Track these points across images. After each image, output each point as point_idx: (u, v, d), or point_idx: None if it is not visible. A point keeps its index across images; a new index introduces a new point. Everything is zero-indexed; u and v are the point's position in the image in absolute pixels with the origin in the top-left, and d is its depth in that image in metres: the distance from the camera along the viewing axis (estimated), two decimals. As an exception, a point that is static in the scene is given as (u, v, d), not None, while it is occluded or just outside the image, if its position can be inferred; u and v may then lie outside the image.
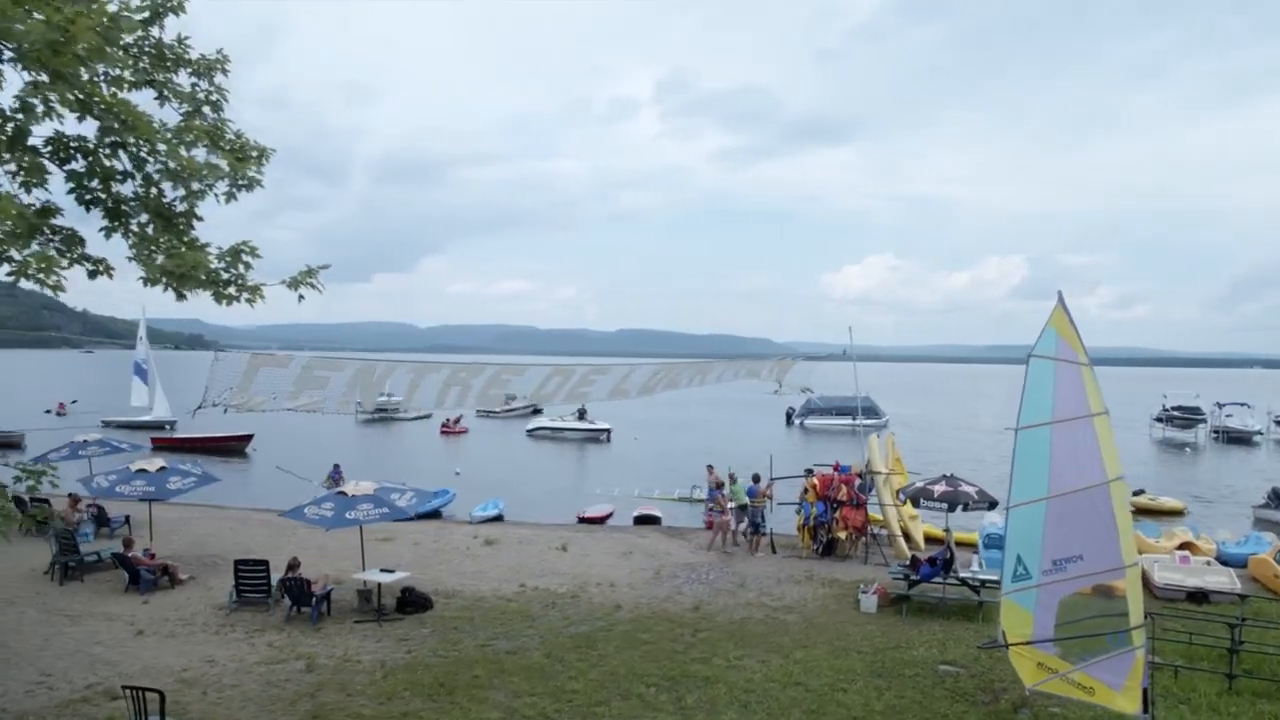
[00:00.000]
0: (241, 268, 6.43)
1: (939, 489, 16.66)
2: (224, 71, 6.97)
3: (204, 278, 6.13)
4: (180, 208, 6.41)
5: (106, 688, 11.52)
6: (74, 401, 65.88)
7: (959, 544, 21.47)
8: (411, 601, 16.01)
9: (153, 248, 6.06)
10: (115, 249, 6.51)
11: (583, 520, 27.48)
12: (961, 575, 16.39)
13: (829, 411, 64.58)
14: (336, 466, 24.83)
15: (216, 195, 6.50)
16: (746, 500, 22.12)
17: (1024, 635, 9.96)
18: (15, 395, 66.44)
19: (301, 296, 6.44)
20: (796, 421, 69.02)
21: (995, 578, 16.12)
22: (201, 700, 11.34)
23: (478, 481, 37.75)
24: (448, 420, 64.73)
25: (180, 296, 6.22)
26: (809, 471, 21.94)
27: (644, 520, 26.97)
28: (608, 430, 60.84)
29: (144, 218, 6.27)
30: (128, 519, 20.87)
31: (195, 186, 6.20)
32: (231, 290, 6.35)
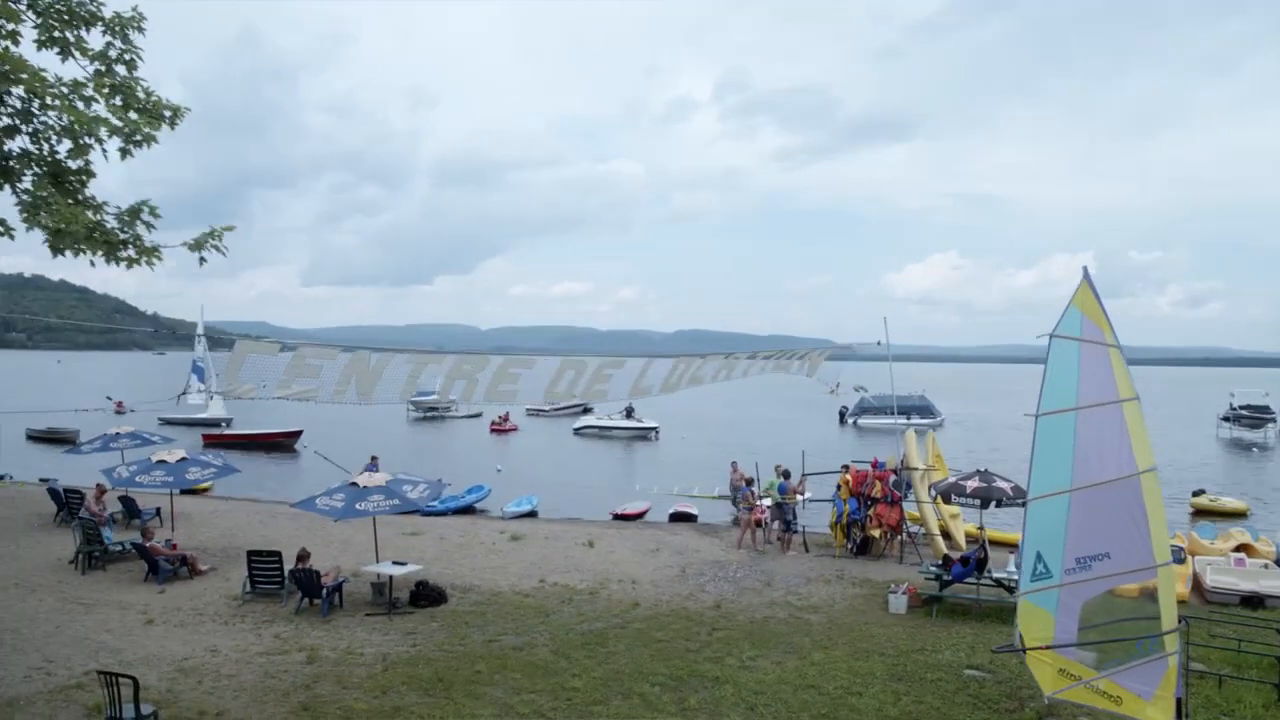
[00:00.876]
0: (141, 228, 6.14)
1: (971, 485, 15.83)
2: (139, 29, 6.69)
3: (88, 235, 5.84)
4: (74, 164, 6.15)
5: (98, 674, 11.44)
6: (111, 398, 67.64)
7: (1001, 544, 20.59)
8: (425, 595, 15.77)
9: (42, 207, 5.79)
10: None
11: (617, 517, 27.11)
12: (996, 575, 15.53)
13: (883, 410, 63.12)
14: (373, 459, 24.84)
15: (105, 151, 6.21)
16: (781, 497, 21.48)
17: (1044, 639, 9.22)
18: (82, 394, 68.47)
19: (203, 259, 6.12)
20: (850, 421, 67.79)
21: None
22: (196, 689, 11.19)
23: (519, 478, 37.69)
24: (497, 418, 65.27)
25: (56, 253, 5.93)
26: (846, 468, 21.20)
27: (680, 518, 26.50)
28: (655, 429, 60.46)
29: (34, 174, 6.01)
30: (159, 511, 21.11)
31: (84, 141, 5.91)
32: (130, 253, 6.05)
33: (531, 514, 27.86)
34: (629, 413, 63.15)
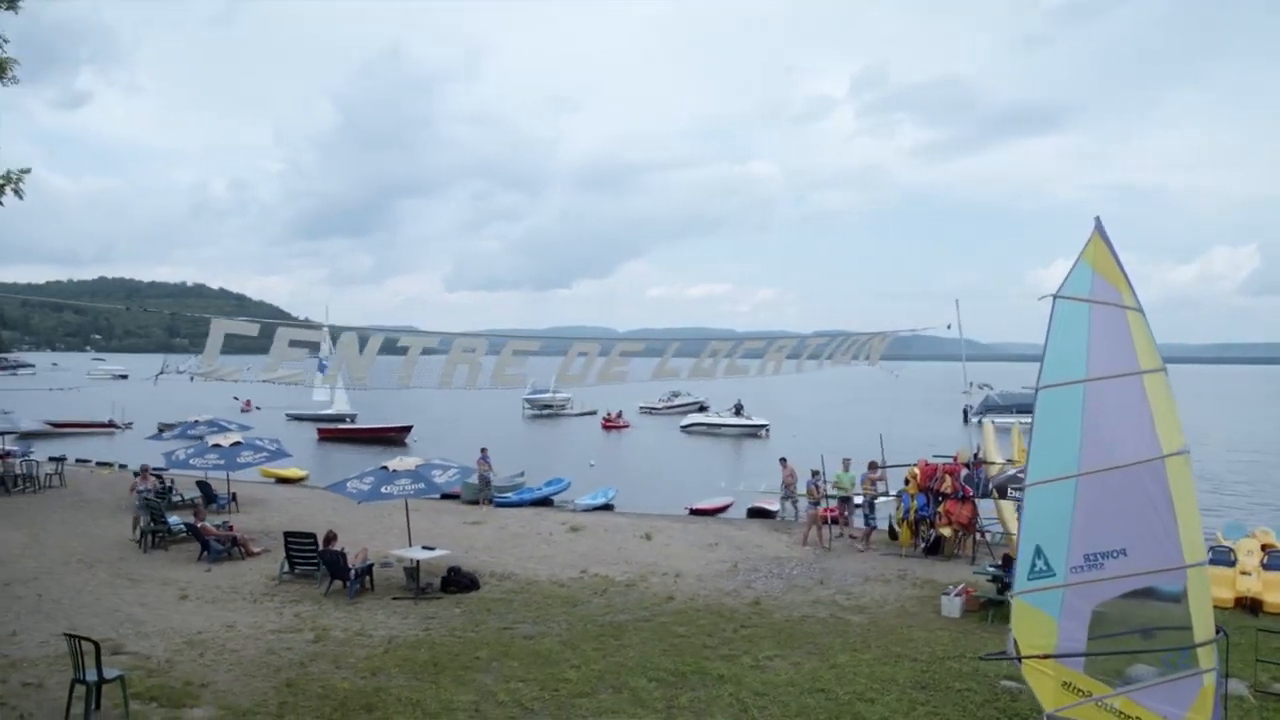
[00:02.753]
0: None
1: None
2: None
3: None
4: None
5: (114, 644, 11.79)
6: (238, 398, 71.63)
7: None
8: (455, 581, 15.65)
9: None
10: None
11: (693, 512, 26.47)
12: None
13: (1009, 409, 59.46)
14: (483, 451, 25.15)
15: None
16: (851, 490, 20.36)
17: (1045, 646, 8.02)
18: (228, 393, 73.18)
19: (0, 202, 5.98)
20: (975, 419, 64.24)
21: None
22: (195, 661, 11.36)
23: (612, 473, 37.66)
24: (609, 415, 65.71)
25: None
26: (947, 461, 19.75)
27: (758, 513, 25.60)
28: (765, 426, 59.22)
29: None
30: (234, 496, 22.00)
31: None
32: None
33: (607, 507, 27.57)
34: (738, 410, 62.30)
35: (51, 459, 29.19)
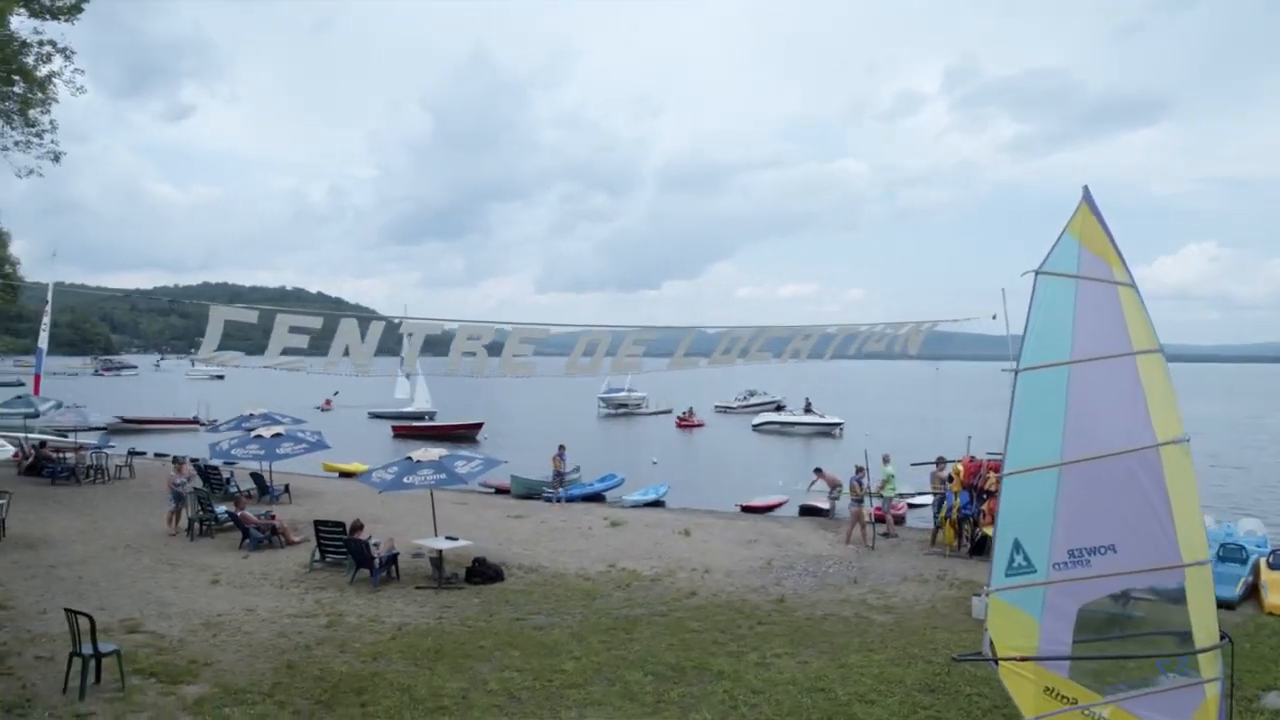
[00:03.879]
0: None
1: None
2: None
3: None
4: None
5: (134, 623, 12.25)
6: (336, 394, 73.82)
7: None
8: (480, 572, 15.74)
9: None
10: None
11: (745, 509, 26.14)
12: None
13: None
14: (561, 448, 25.37)
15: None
16: (894, 489, 19.75)
17: (1025, 648, 7.47)
18: (316, 393, 75.99)
19: None
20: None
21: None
22: (207, 641, 11.68)
23: (674, 470, 37.57)
24: (683, 414, 65.71)
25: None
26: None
27: (811, 512, 25.07)
28: (839, 424, 58.14)
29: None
30: (287, 488, 22.66)
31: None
32: None
33: (657, 503, 27.43)
34: (807, 407, 61.49)
35: (133, 452, 30.73)
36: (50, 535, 17.66)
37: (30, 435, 25.57)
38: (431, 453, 15.75)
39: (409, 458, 15.77)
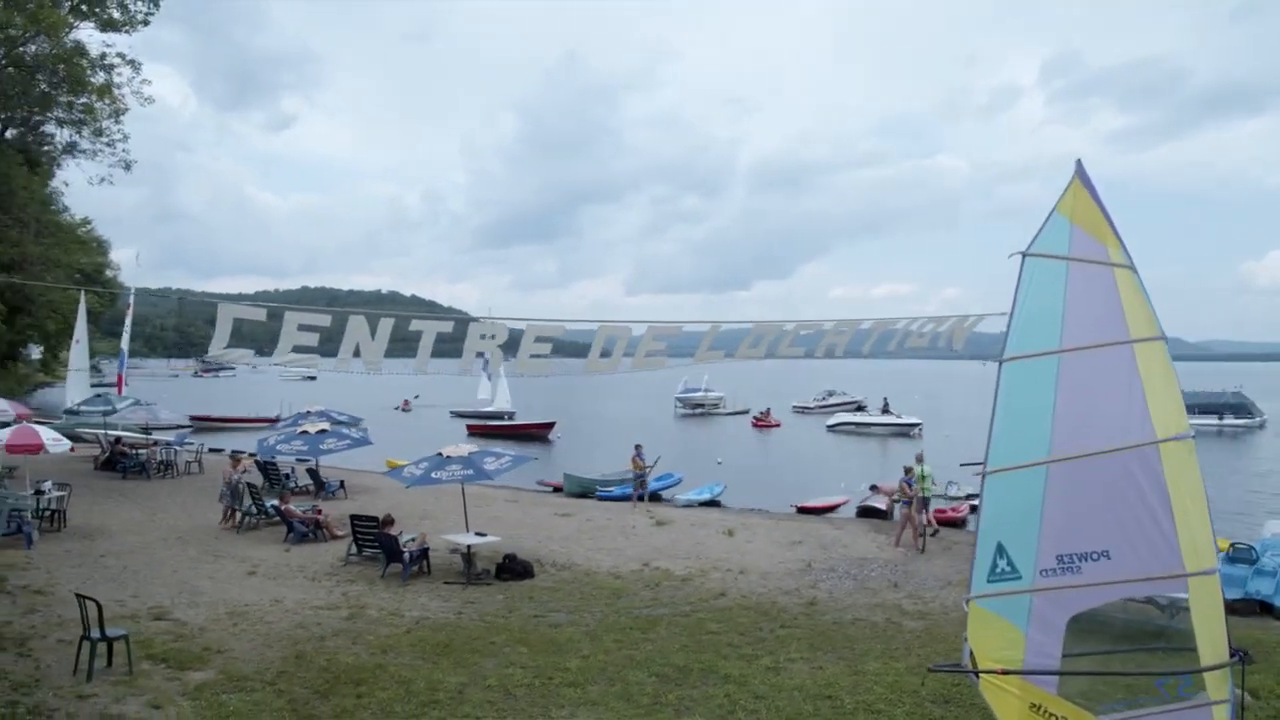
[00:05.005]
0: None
1: None
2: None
3: None
4: None
5: (161, 610, 12.66)
6: (416, 397, 75.56)
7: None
8: (509, 569, 15.76)
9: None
10: None
11: (801, 510, 25.60)
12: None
13: (1191, 409, 53.69)
14: (638, 447, 25.29)
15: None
16: (929, 490, 19.00)
17: (1008, 660, 6.94)
18: (401, 394, 78.08)
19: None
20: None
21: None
22: (227, 630, 11.97)
23: (741, 469, 37.25)
24: (759, 414, 65.18)
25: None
26: None
27: (869, 513, 24.40)
28: (917, 425, 56.61)
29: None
30: (342, 483, 23.21)
31: None
32: None
33: (713, 503, 27.13)
34: (885, 408, 60.13)
35: (213, 450, 32.08)
36: (108, 526, 18.48)
37: (109, 432, 26.91)
38: (462, 449, 15.86)
39: (440, 453, 15.90)
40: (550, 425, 53.99)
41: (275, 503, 18.53)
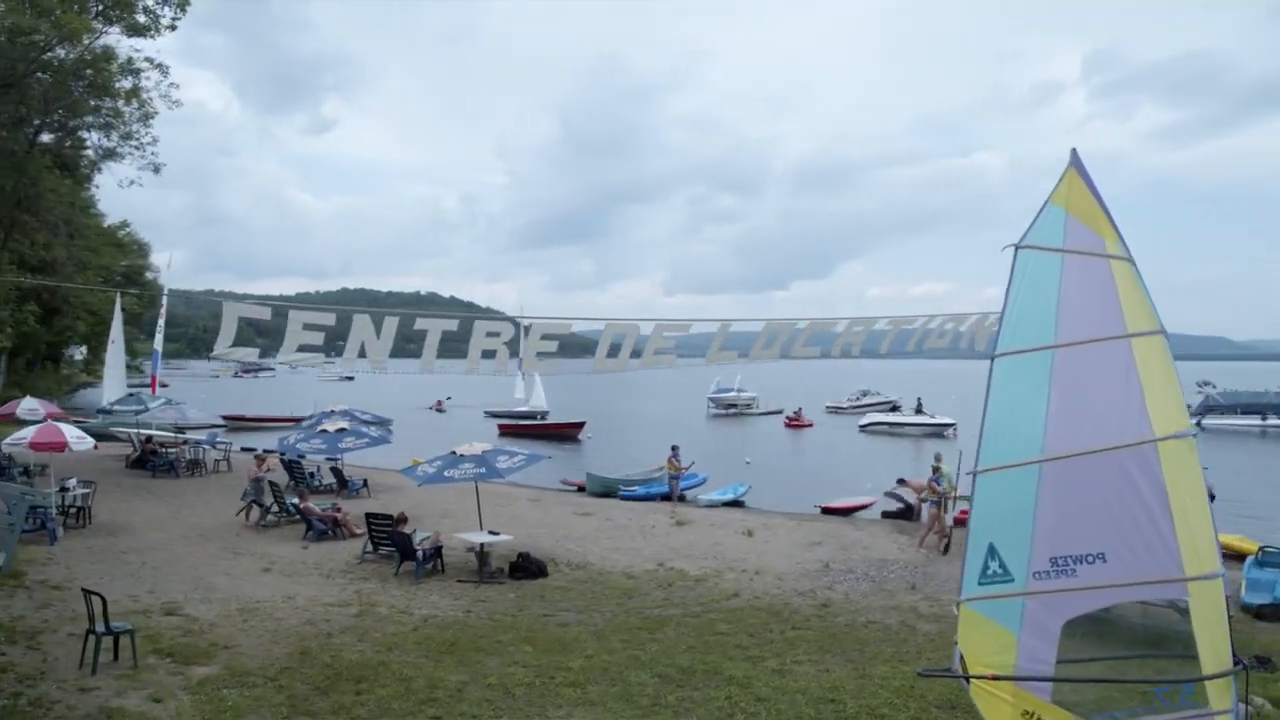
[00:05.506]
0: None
1: None
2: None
3: None
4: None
5: (174, 606, 12.81)
6: (448, 398, 76.12)
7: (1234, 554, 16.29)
8: (523, 568, 15.75)
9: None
10: None
11: (825, 510, 25.31)
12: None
13: (1233, 409, 52.49)
14: (674, 449, 25.12)
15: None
16: (953, 489, 18.66)
17: (1000, 665, 6.71)
18: (435, 394, 78.77)
19: None
20: (1193, 421, 57.30)
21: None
22: (237, 625, 12.08)
23: (771, 469, 37.06)
24: (792, 414, 64.82)
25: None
26: None
27: (893, 514, 24.06)
28: (951, 425, 55.83)
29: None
30: (365, 482, 23.41)
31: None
32: None
33: (736, 503, 26.92)
34: (918, 408, 59.46)
35: (245, 449, 32.58)
36: (132, 523, 18.80)
37: (141, 431, 27.43)
38: (475, 447, 15.90)
39: (453, 452, 15.94)
40: (580, 425, 54.12)
41: (294, 500, 18.73)
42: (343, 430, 20.42)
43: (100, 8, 19.21)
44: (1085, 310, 6.64)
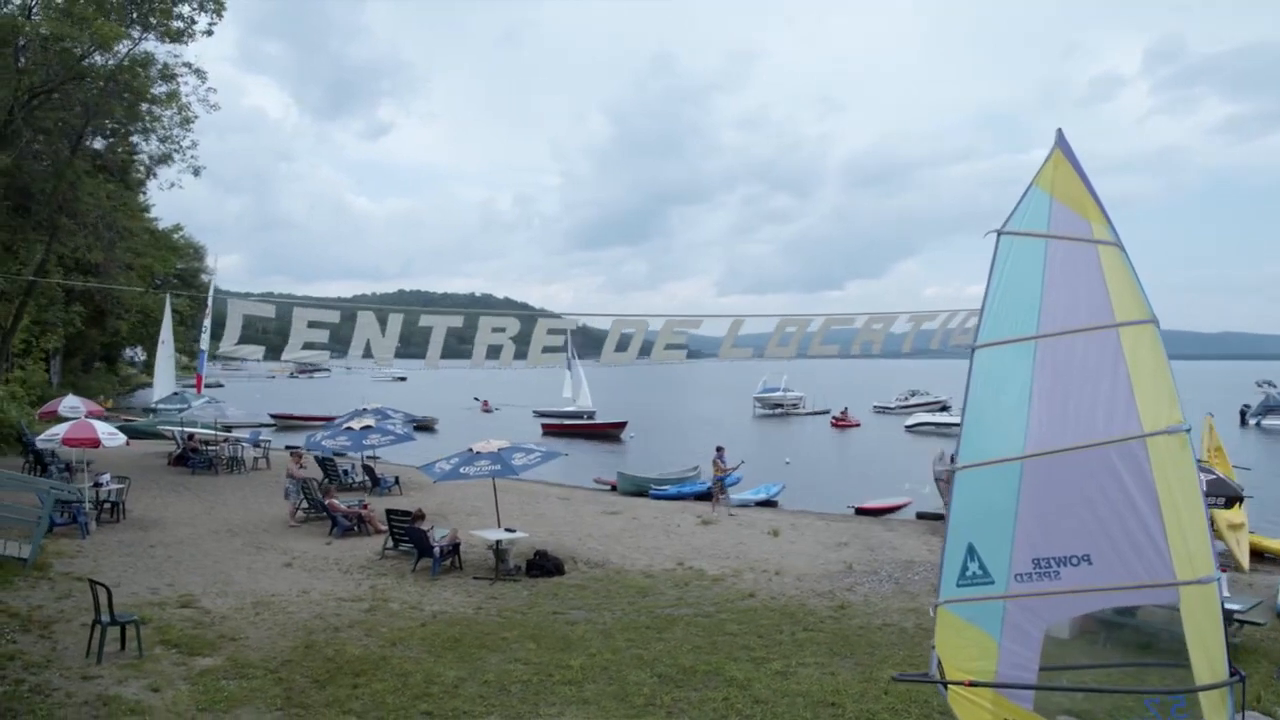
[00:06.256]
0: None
1: None
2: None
3: None
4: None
5: (189, 599, 13.04)
6: (478, 399, 76.81)
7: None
8: (539, 565, 15.73)
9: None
10: None
11: (859, 511, 24.90)
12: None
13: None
14: (720, 449, 24.83)
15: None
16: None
17: (981, 671, 6.43)
18: (484, 393, 79.62)
19: None
20: (1252, 421, 55.26)
21: (1260, 619, 11.21)
22: (248, 618, 12.24)
23: (812, 469, 36.69)
24: (838, 414, 64.14)
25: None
26: None
27: (928, 516, 23.57)
28: None
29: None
30: (397, 479, 23.65)
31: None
32: None
33: (769, 503, 26.64)
34: (944, 407, 58.63)
35: (289, 447, 33.25)
36: (165, 519, 19.23)
37: (184, 429, 28.11)
38: (491, 444, 15.92)
39: (470, 449, 15.99)
40: (622, 425, 54.20)
41: (318, 497, 18.99)
42: (368, 428, 20.68)
43: (135, 15, 19.75)
44: (1070, 299, 6.35)
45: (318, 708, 9.25)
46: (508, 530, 16.21)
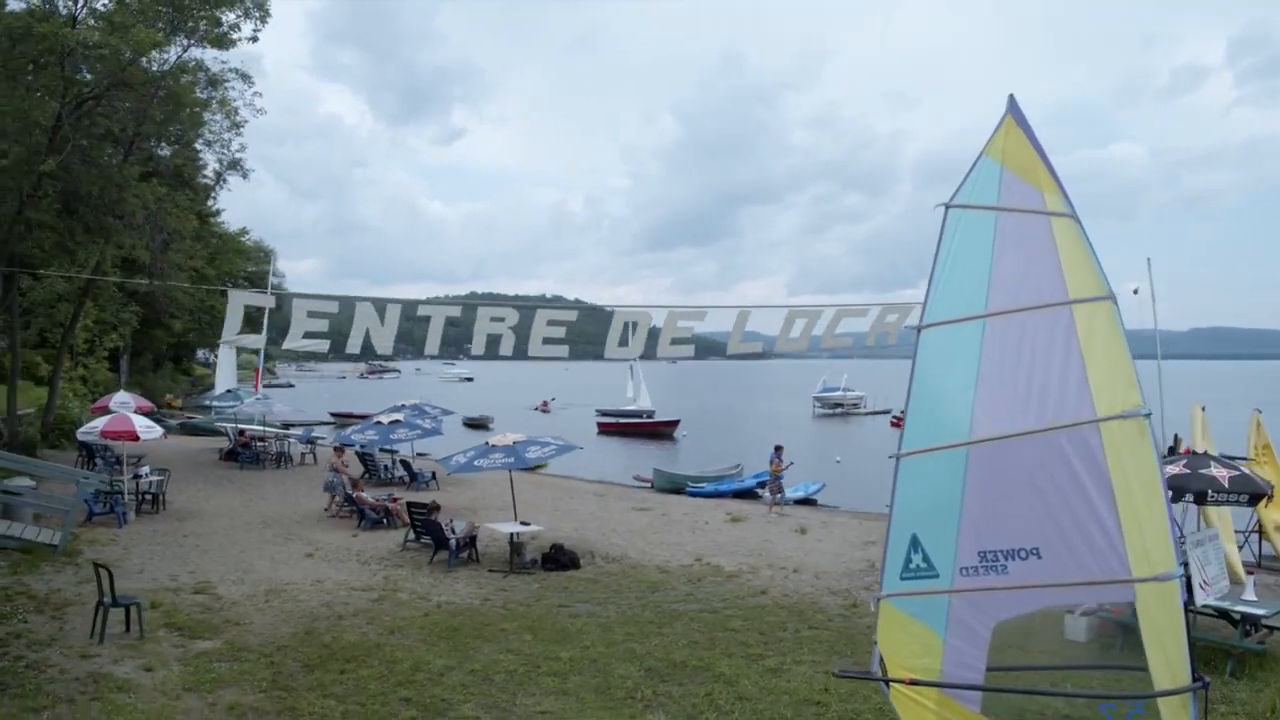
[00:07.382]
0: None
1: (1169, 470, 11.09)
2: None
3: None
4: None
5: (205, 585, 13.43)
6: (553, 399, 77.51)
7: None
8: (554, 559, 15.76)
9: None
10: None
11: (894, 509, 24.32)
12: (1217, 603, 10.77)
13: None
14: (778, 449, 24.55)
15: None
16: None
17: (926, 669, 6.13)
18: (551, 393, 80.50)
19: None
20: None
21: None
22: (258, 605, 12.54)
23: (861, 468, 36.16)
24: (899, 413, 62.85)
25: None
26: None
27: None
28: None
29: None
30: (434, 475, 23.99)
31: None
32: None
33: (808, 501, 26.28)
34: None
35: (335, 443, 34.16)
36: (204, 510, 19.86)
37: (236, 425, 29.03)
38: (507, 437, 16.03)
39: (486, 442, 16.14)
40: (675, 423, 54.26)
41: (349, 490, 19.38)
42: (396, 422, 21.04)
43: (190, 24, 20.54)
44: (1021, 274, 6.05)
45: (301, 691, 9.40)
46: (523, 524, 16.28)
